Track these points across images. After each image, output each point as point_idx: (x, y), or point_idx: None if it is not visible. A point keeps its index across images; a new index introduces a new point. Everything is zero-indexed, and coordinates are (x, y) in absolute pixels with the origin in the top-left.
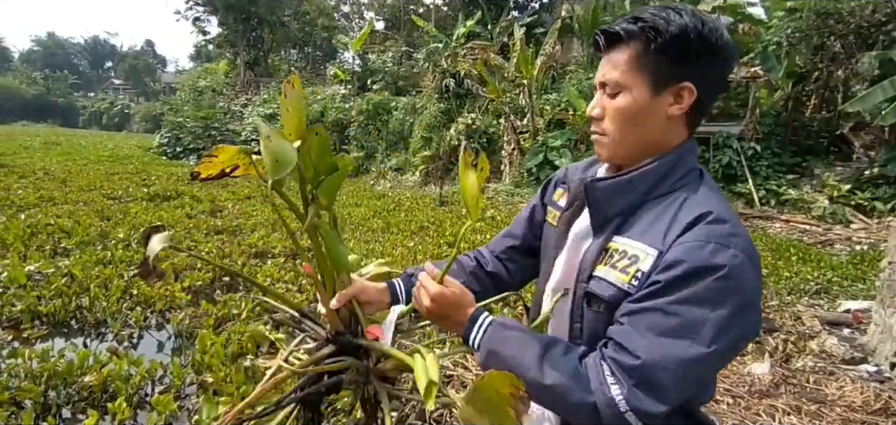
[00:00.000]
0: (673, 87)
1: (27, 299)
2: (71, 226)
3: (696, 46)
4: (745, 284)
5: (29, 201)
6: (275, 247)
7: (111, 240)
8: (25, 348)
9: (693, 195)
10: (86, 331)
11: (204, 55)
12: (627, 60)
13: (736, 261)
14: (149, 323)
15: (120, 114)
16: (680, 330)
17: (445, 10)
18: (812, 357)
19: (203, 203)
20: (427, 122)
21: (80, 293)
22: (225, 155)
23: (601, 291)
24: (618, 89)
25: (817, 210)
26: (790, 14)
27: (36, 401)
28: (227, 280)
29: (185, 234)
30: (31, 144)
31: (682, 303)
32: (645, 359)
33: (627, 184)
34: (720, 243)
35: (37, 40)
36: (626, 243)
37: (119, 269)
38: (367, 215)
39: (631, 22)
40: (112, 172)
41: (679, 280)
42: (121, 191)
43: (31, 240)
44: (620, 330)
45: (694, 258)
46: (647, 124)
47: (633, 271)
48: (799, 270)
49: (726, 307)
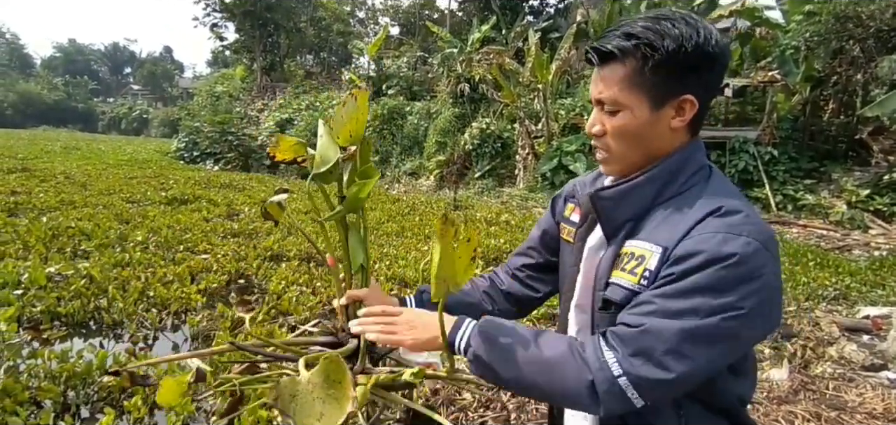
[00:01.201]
0: (674, 101)
1: (47, 300)
2: (91, 229)
3: (694, 58)
4: (759, 269)
5: (50, 204)
6: (290, 250)
7: (129, 242)
8: (45, 349)
9: (702, 193)
10: (103, 332)
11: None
12: (623, 78)
13: (748, 249)
14: (164, 324)
15: (138, 119)
16: (683, 311)
17: (460, 15)
18: (831, 363)
19: (220, 206)
20: (441, 127)
21: (98, 294)
22: (285, 144)
23: (614, 295)
24: (617, 107)
25: (835, 215)
26: (808, 18)
27: (55, 401)
28: (241, 282)
29: (202, 237)
30: (51, 149)
31: (689, 289)
32: (642, 328)
33: (633, 190)
34: (731, 232)
35: (58, 47)
36: (636, 245)
37: (137, 271)
38: (382, 219)
39: (624, 38)
40: (131, 176)
41: (688, 271)
42: (139, 194)
43: (51, 243)
44: (624, 313)
45: (703, 248)
46: (650, 138)
47: (640, 271)
48: (817, 276)
49: (735, 291)
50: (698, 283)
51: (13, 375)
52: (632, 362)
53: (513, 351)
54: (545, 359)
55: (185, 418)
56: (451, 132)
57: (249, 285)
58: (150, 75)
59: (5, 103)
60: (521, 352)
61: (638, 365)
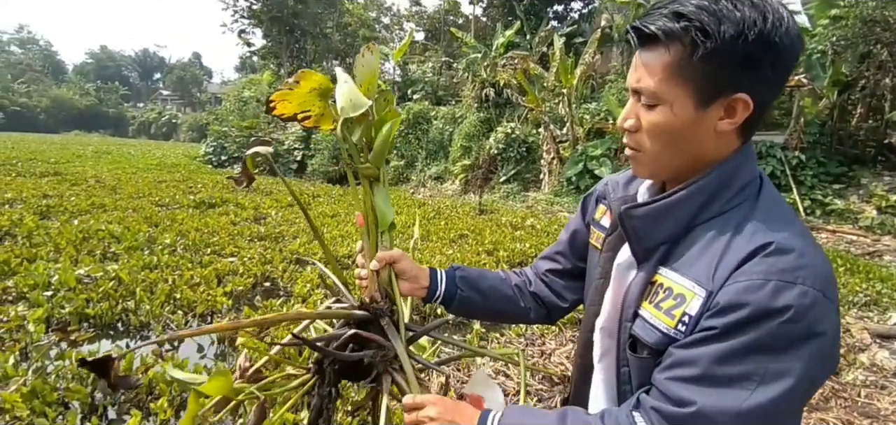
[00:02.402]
0: (724, 100)
1: (76, 302)
2: (120, 232)
3: (755, 49)
4: (818, 325)
5: (81, 207)
6: (316, 253)
7: (158, 245)
8: (72, 350)
9: (750, 217)
10: (130, 334)
11: (248, 66)
12: (666, 67)
13: (805, 301)
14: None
15: (167, 123)
16: (737, 379)
17: (485, 20)
18: (863, 370)
19: (247, 210)
20: (467, 131)
21: (126, 296)
22: (308, 82)
23: (646, 336)
24: (655, 101)
25: (865, 220)
26: (835, 22)
27: (83, 402)
28: (267, 285)
29: (228, 240)
30: (83, 153)
31: (741, 350)
32: (692, 411)
33: (670, 209)
34: (783, 280)
35: (90, 53)
36: (672, 278)
37: (164, 274)
38: (408, 223)
39: (672, 19)
40: (160, 180)
41: (735, 327)
42: (168, 198)
43: (82, 245)
44: (665, 377)
45: (750, 300)
46: (690, 141)
47: (678, 314)
48: (847, 282)
49: (794, 354)
50: (748, 344)
51: (41, 376)
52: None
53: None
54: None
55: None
56: (477, 136)
57: (275, 288)
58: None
59: (38, 109)
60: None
61: None
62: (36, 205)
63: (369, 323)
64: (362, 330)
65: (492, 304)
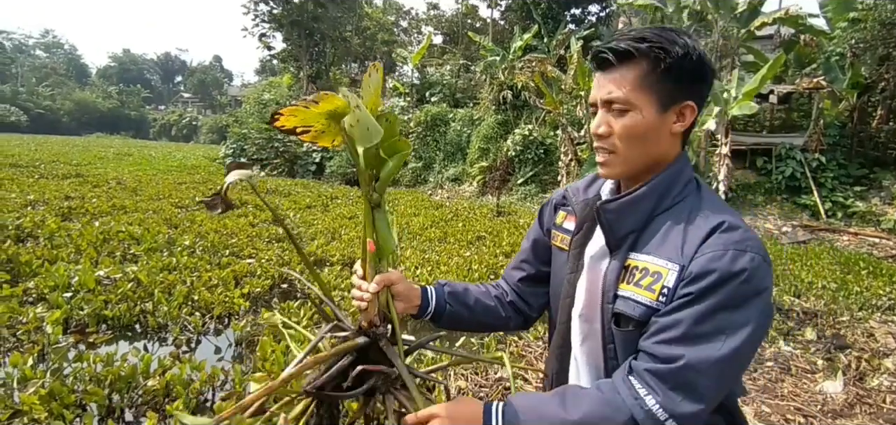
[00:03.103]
0: (677, 106)
1: (94, 303)
2: (140, 233)
3: (697, 66)
4: (763, 282)
5: (102, 209)
6: (333, 255)
7: (177, 246)
8: (90, 352)
9: (698, 206)
10: (148, 335)
11: (269, 69)
12: (636, 79)
13: (754, 264)
14: (207, 328)
15: (188, 126)
16: (712, 333)
17: (502, 24)
18: (888, 375)
19: (265, 212)
20: (484, 134)
21: (144, 298)
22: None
23: (630, 311)
24: (627, 107)
25: (887, 223)
26: (853, 24)
27: (100, 405)
28: (284, 287)
29: (247, 242)
30: (105, 155)
31: (712, 310)
32: (681, 364)
33: (636, 202)
34: (737, 249)
35: (113, 57)
36: (645, 259)
37: (183, 275)
38: (425, 224)
39: (638, 41)
40: (180, 182)
41: (707, 290)
42: (187, 200)
43: (102, 246)
44: (653, 342)
45: (717, 267)
46: (653, 141)
47: (658, 288)
48: (870, 285)
49: (750, 304)
50: (719, 303)
51: (59, 378)
52: (672, 398)
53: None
54: (580, 420)
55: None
56: (494, 138)
57: (292, 290)
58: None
59: (62, 111)
60: (557, 421)
61: (678, 402)
62: (58, 207)
63: (369, 347)
64: (363, 354)
65: (477, 316)
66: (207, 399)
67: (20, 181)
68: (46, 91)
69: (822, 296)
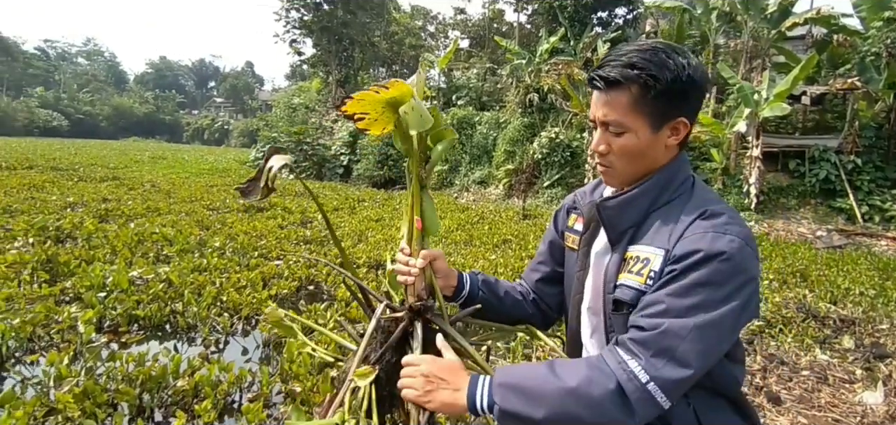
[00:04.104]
0: (670, 123)
1: (127, 303)
2: (173, 235)
3: (688, 86)
4: (744, 264)
5: (137, 211)
6: (360, 257)
7: (208, 248)
8: (123, 351)
9: (689, 201)
10: (178, 335)
11: (298, 74)
12: (628, 103)
13: (733, 247)
14: (235, 329)
15: (220, 130)
16: (692, 306)
17: (528, 27)
18: None
19: (294, 214)
20: (511, 136)
21: (174, 298)
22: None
23: (624, 296)
24: (622, 129)
25: None
26: (889, 24)
27: (131, 404)
28: (311, 289)
29: (275, 244)
30: (140, 159)
31: (692, 285)
32: (661, 330)
33: (633, 199)
34: (717, 232)
35: (150, 63)
36: (639, 250)
37: (212, 276)
38: (451, 228)
39: (628, 68)
40: (211, 185)
41: (687, 268)
42: (218, 202)
43: (137, 248)
44: (638, 316)
45: (697, 247)
46: (650, 157)
47: (646, 272)
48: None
49: (731, 283)
50: (699, 279)
51: (92, 377)
52: (654, 364)
53: (538, 391)
54: (572, 388)
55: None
56: (520, 141)
57: (319, 291)
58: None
59: (101, 116)
60: (547, 389)
61: (660, 367)
62: (96, 209)
63: (419, 319)
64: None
65: (506, 308)
66: (235, 400)
67: (61, 184)
68: (86, 97)
69: (859, 302)
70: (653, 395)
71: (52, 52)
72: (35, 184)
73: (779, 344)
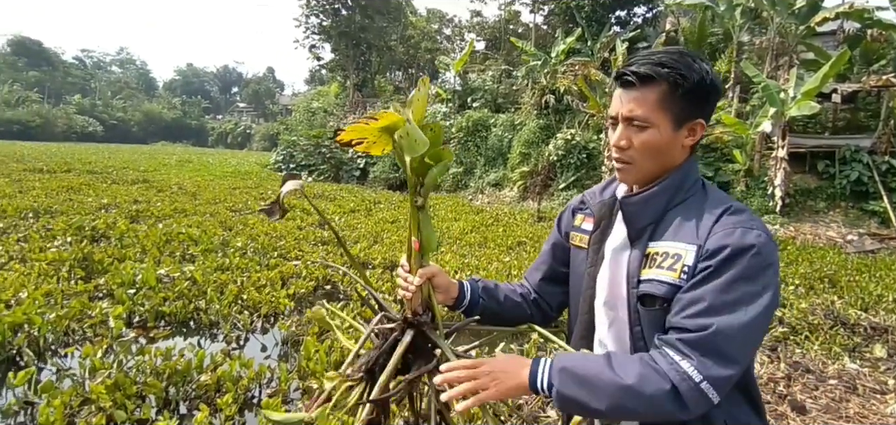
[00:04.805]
0: (689, 123)
1: (154, 300)
2: (198, 235)
3: (710, 89)
4: (771, 256)
5: (165, 212)
6: (375, 258)
7: (231, 248)
8: (151, 346)
9: (706, 198)
10: (201, 332)
11: (318, 79)
12: (656, 99)
13: (761, 240)
14: (255, 326)
15: (242, 134)
16: (734, 303)
17: (545, 28)
18: None
19: (313, 215)
20: (526, 138)
21: (198, 296)
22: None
23: (656, 290)
24: (647, 124)
25: None
26: None
27: (158, 396)
28: (327, 288)
29: (294, 244)
30: (168, 162)
31: (731, 281)
32: (712, 331)
33: (654, 196)
34: (745, 227)
35: (178, 70)
36: (664, 245)
37: (234, 275)
38: (465, 229)
39: (658, 65)
40: (234, 187)
41: (724, 262)
42: (241, 203)
43: (165, 247)
44: (680, 316)
45: (730, 242)
46: (667, 154)
47: (679, 267)
48: None
49: (763, 277)
50: (736, 274)
51: (123, 370)
52: (706, 364)
53: (596, 382)
54: (628, 385)
55: None
56: (536, 143)
57: (335, 291)
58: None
59: (132, 122)
60: (604, 381)
61: (711, 366)
62: (127, 210)
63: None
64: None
65: (506, 312)
66: (254, 395)
67: (96, 186)
68: (119, 103)
69: (893, 310)
70: (705, 393)
71: (88, 61)
72: (73, 186)
73: (804, 352)
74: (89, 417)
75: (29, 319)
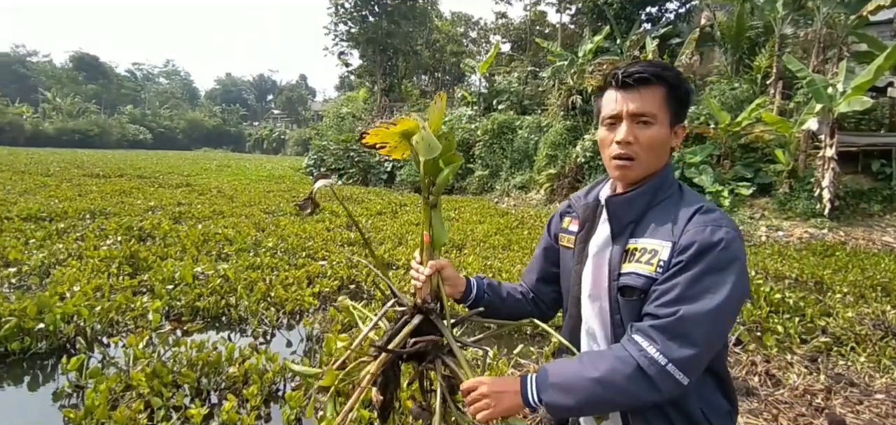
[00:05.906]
0: (675, 127)
1: (190, 295)
2: (233, 235)
3: (689, 100)
4: (739, 252)
5: (205, 214)
6: (399, 260)
7: (262, 248)
8: (186, 339)
9: (683, 199)
10: (231, 326)
11: (347, 85)
12: (660, 98)
13: (729, 236)
14: (281, 322)
15: (277, 139)
16: (701, 292)
17: (572, 28)
18: None
19: (341, 217)
20: (552, 140)
21: (229, 292)
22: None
23: (635, 282)
24: (654, 120)
25: None
26: None
27: (191, 386)
28: (351, 288)
29: (321, 245)
30: (209, 167)
31: (700, 273)
32: (678, 316)
33: (638, 196)
34: (714, 224)
35: (218, 80)
36: (644, 242)
37: (264, 274)
38: (490, 232)
39: (660, 69)
40: (268, 190)
41: (694, 257)
42: (274, 206)
43: (202, 246)
44: (654, 305)
45: (700, 238)
46: (661, 152)
47: (655, 262)
48: None
49: (730, 269)
50: (704, 268)
51: (160, 360)
52: (671, 347)
53: (573, 384)
54: (597, 378)
55: (298, 412)
56: (563, 145)
57: (359, 290)
58: (287, 100)
59: (177, 130)
60: (580, 381)
61: (675, 348)
62: (171, 212)
63: (422, 320)
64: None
65: (509, 308)
66: (279, 388)
67: (144, 190)
68: (166, 112)
69: None
70: (672, 374)
71: (138, 74)
72: (124, 190)
73: (849, 364)
74: (129, 402)
75: (78, 311)
